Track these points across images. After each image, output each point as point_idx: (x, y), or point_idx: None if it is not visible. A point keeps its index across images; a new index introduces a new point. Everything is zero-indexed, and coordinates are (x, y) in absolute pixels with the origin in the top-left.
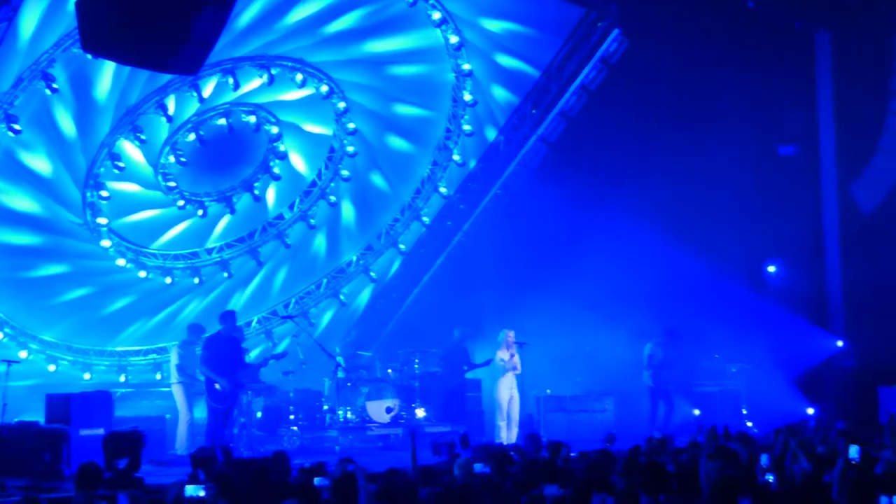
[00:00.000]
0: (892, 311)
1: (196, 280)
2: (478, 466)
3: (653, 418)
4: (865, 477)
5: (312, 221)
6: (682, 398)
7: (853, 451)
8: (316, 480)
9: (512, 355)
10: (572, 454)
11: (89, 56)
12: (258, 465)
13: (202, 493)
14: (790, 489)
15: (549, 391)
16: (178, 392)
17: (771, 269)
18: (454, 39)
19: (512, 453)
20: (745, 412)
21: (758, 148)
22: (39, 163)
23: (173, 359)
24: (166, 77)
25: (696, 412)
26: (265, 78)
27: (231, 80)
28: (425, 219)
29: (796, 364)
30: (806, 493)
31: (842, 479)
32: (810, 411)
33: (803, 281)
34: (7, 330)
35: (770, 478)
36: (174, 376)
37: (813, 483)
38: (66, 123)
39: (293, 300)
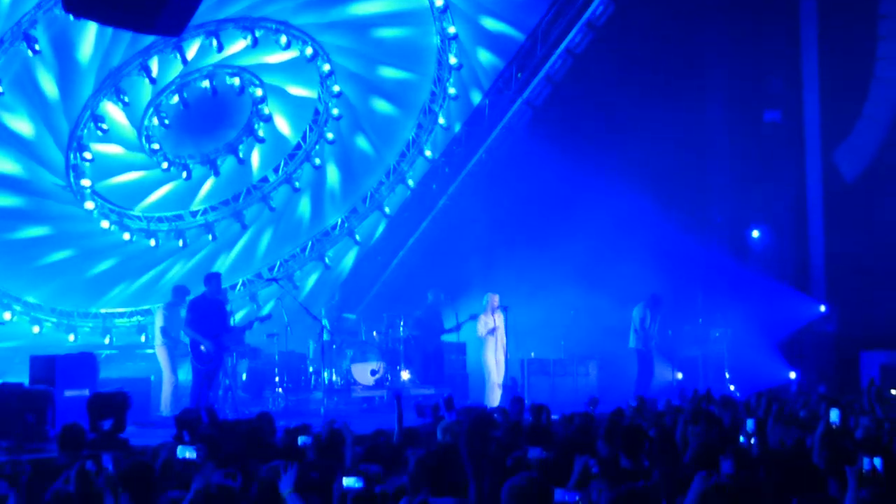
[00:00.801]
0: (874, 276)
1: (180, 243)
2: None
3: (639, 382)
4: (846, 441)
5: (297, 184)
6: (666, 362)
7: (834, 415)
8: (300, 439)
9: (496, 320)
10: (555, 417)
11: (71, 17)
12: (244, 426)
13: (193, 455)
14: (771, 453)
15: (532, 355)
16: (161, 354)
17: (755, 234)
18: (439, 2)
19: (496, 416)
20: (727, 376)
21: (743, 113)
22: (21, 125)
23: (158, 321)
24: (149, 39)
25: (679, 376)
26: (249, 40)
27: (215, 42)
28: (410, 182)
29: (779, 329)
30: (787, 457)
31: (822, 442)
32: (792, 375)
33: (786, 246)
34: None
35: (752, 440)
36: (158, 338)
37: (794, 447)
38: (49, 85)
39: (278, 263)
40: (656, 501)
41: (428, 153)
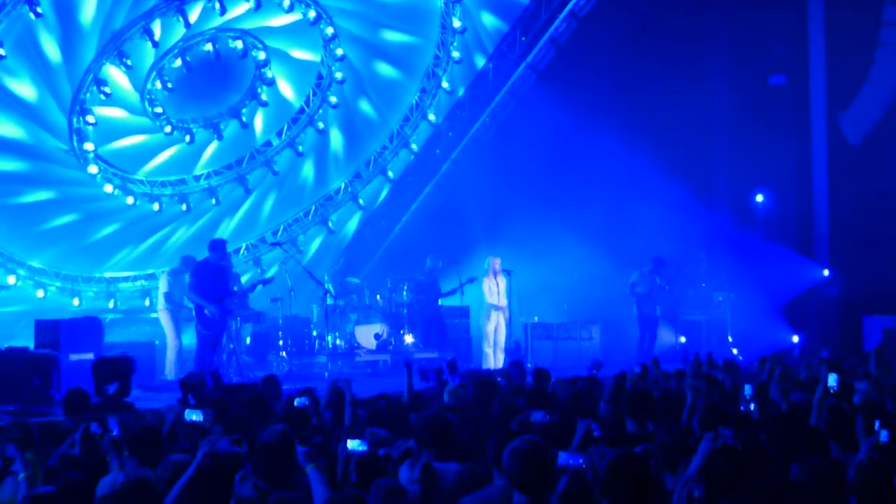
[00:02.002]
0: (878, 241)
1: (184, 207)
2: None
3: (640, 346)
4: (843, 405)
5: (300, 148)
6: (669, 326)
7: (832, 379)
8: (297, 401)
9: (498, 284)
10: (558, 380)
11: None
12: (249, 391)
13: (200, 418)
14: (772, 416)
15: (536, 318)
16: (165, 318)
17: (759, 198)
18: None
19: (499, 379)
20: (730, 340)
21: (748, 77)
22: (24, 88)
23: (162, 286)
24: (152, 1)
25: (682, 340)
26: (251, 3)
27: (217, 5)
28: (414, 146)
29: (782, 293)
30: (787, 421)
31: (820, 405)
32: (795, 339)
33: (790, 211)
34: None
35: (752, 406)
36: (161, 303)
37: (794, 410)
38: (51, 49)
39: (281, 227)
40: (657, 465)
41: (431, 117)
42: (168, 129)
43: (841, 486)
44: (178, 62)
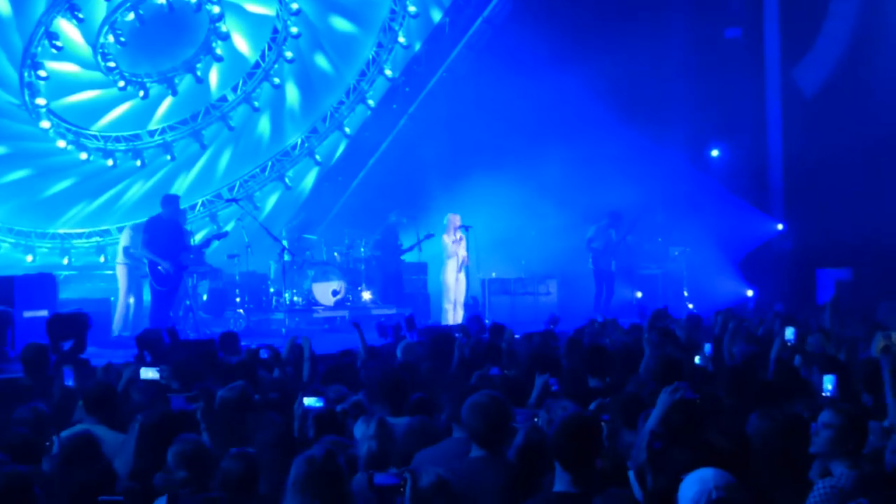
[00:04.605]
0: (832, 195)
1: (138, 163)
2: None
3: (596, 301)
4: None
5: (256, 104)
6: (624, 281)
7: (789, 332)
8: (261, 353)
9: (457, 240)
10: (516, 336)
11: None
12: (205, 346)
13: (156, 376)
14: (727, 369)
15: (493, 274)
16: (121, 273)
17: (714, 153)
18: None
19: (457, 335)
20: (686, 294)
21: (705, 31)
22: None
23: (122, 240)
24: None
25: (639, 295)
26: None
27: None
28: (370, 102)
29: (737, 247)
30: (741, 374)
31: (777, 359)
32: (749, 293)
33: (745, 164)
34: None
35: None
36: (119, 257)
37: (747, 363)
38: (1, 1)
39: (238, 183)
40: (612, 420)
41: (388, 72)
42: (121, 83)
43: (800, 438)
44: (131, 16)
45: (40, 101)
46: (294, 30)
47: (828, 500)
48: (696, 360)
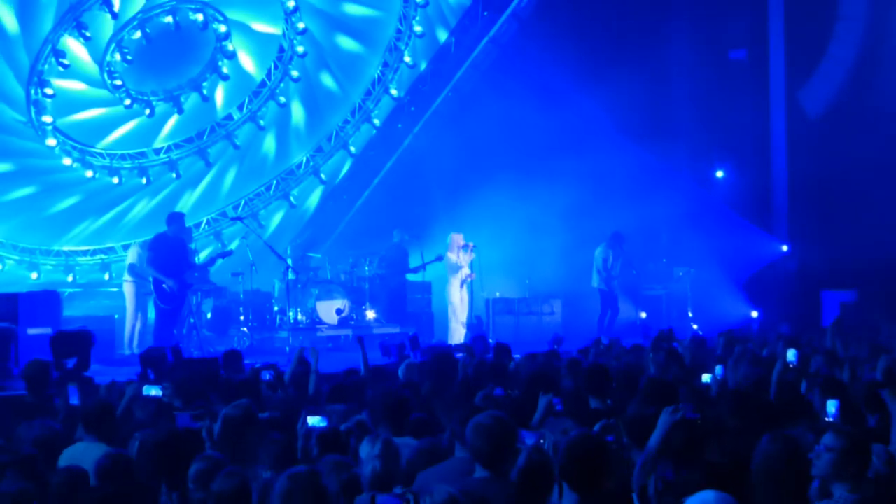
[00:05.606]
0: (836, 216)
1: (144, 180)
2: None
3: (600, 322)
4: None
5: (262, 122)
6: (629, 301)
7: (791, 354)
8: (263, 374)
9: (466, 254)
10: (518, 356)
11: None
12: (209, 365)
13: (158, 393)
14: (730, 391)
15: (497, 294)
16: (128, 291)
17: (719, 173)
18: None
19: (458, 354)
20: (690, 315)
21: (709, 52)
22: None
23: (129, 257)
24: None
25: (643, 315)
26: None
27: None
28: (376, 121)
29: (742, 268)
30: (744, 396)
31: (780, 381)
32: (754, 314)
33: (750, 186)
34: None
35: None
36: (126, 274)
37: (753, 386)
38: (8, 19)
39: (242, 201)
40: (617, 440)
41: (394, 91)
42: (128, 101)
43: (802, 462)
44: (138, 34)
45: (46, 118)
46: (300, 49)
47: None
48: (705, 378)
